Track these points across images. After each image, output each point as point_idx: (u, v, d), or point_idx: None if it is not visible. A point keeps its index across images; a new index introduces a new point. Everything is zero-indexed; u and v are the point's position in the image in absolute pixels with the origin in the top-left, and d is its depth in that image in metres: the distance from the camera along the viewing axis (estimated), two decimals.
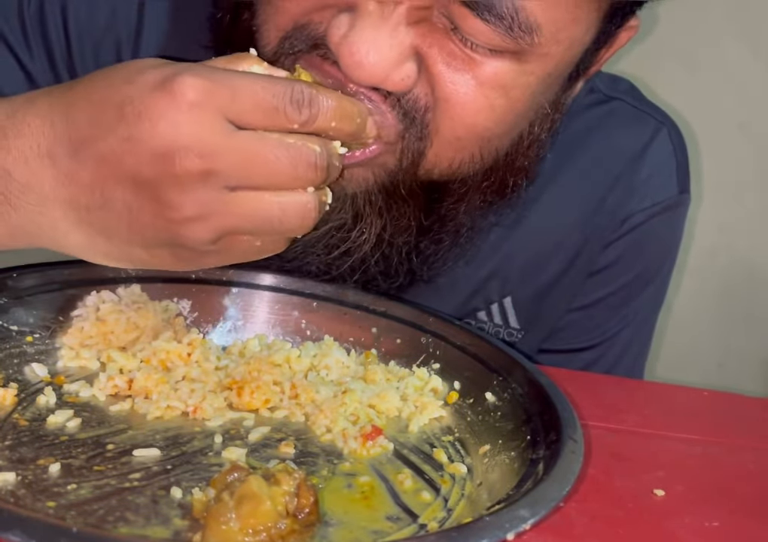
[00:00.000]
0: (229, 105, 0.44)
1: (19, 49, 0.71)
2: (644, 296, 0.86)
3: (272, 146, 0.45)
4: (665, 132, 0.83)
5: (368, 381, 0.62)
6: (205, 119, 0.44)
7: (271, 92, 0.45)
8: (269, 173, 0.45)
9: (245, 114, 0.45)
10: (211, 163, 0.44)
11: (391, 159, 0.59)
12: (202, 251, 0.48)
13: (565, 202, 0.80)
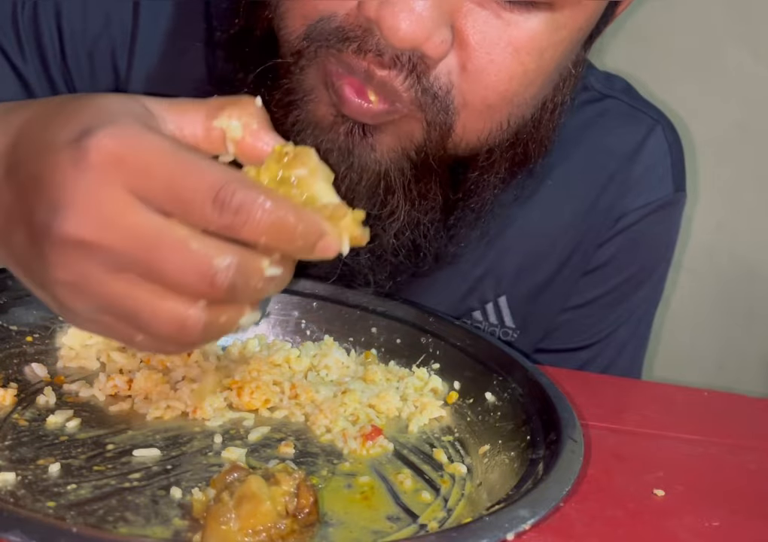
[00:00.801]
0: (138, 179, 0.39)
1: (12, 54, 0.71)
2: (639, 295, 0.86)
3: (168, 243, 0.39)
4: (660, 130, 0.83)
5: (368, 381, 0.62)
6: (104, 187, 0.39)
7: (193, 182, 0.38)
8: (155, 271, 0.40)
9: (155, 195, 0.39)
10: (94, 236, 0.39)
11: (418, 130, 0.58)
12: (82, 316, 0.43)
13: (559, 200, 0.80)
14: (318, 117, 0.59)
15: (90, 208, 0.39)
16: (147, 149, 0.39)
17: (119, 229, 0.39)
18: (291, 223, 0.40)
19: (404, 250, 0.66)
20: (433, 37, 0.53)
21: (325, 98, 0.58)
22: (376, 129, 0.58)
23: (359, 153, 0.59)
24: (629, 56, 1.22)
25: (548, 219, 0.80)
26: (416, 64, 0.55)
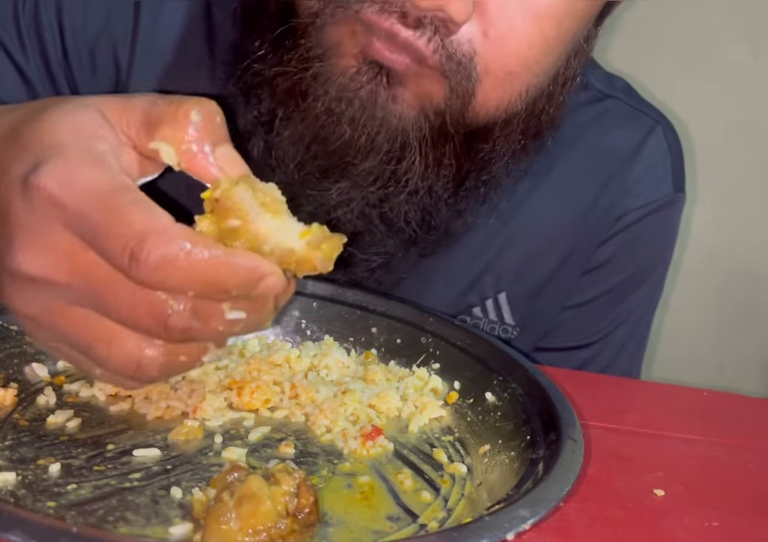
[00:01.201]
0: (75, 223, 0.39)
1: (14, 50, 0.71)
2: (639, 294, 0.86)
3: (118, 282, 0.39)
4: (660, 131, 0.83)
5: (368, 381, 0.62)
6: (51, 227, 0.39)
7: (112, 233, 0.38)
8: (110, 310, 0.39)
9: (88, 237, 0.39)
10: (48, 274, 0.39)
11: (440, 93, 0.59)
12: (47, 345, 0.43)
13: (559, 198, 0.80)
14: (341, 68, 0.58)
15: (41, 247, 0.39)
16: (82, 192, 0.39)
17: (71, 269, 0.39)
18: (215, 276, 0.39)
19: (415, 217, 0.66)
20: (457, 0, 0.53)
21: (349, 49, 0.58)
22: (399, 82, 0.58)
23: (381, 104, 0.58)
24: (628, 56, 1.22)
25: (548, 217, 0.80)
26: (439, 27, 0.55)
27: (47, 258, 0.39)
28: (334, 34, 0.58)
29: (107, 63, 0.73)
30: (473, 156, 0.65)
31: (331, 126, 0.60)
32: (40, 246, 0.39)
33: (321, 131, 0.60)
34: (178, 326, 0.39)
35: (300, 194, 0.64)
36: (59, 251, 0.39)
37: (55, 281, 0.39)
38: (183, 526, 0.43)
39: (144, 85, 0.73)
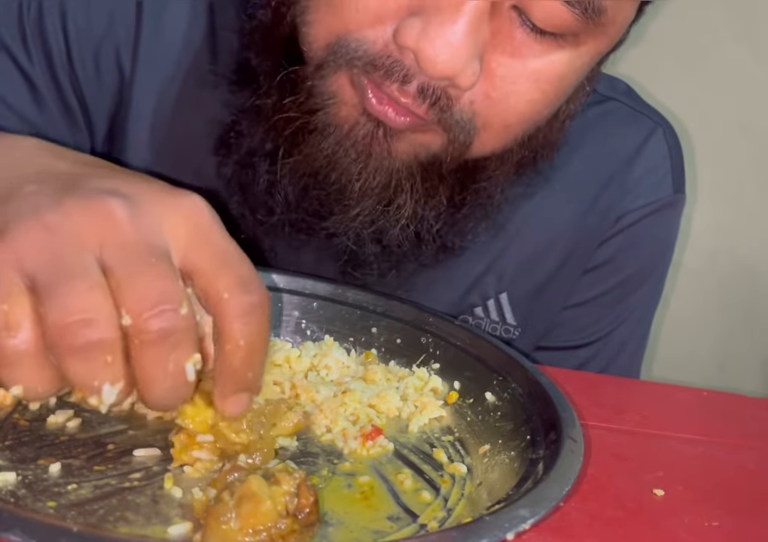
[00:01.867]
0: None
1: (19, 55, 0.71)
2: (639, 295, 0.87)
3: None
4: (661, 133, 0.84)
5: (368, 381, 0.62)
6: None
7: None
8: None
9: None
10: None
11: (437, 143, 0.60)
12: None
13: (561, 199, 0.80)
14: (340, 118, 0.60)
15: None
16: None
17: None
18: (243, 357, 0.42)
19: (408, 241, 0.68)
20: (467, 69, 0.55)
21: (349, 98, 0.59)
22: (396, 135, 0.59)
23: (376, 156, 0.60)
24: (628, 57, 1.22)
25: (549, 218, 0.80)
26: (440, 97, 0.57)
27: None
28: (335, 83, 0.59)
29: (110, 67, 0.73)
30: (467, 188, 0.67)
31: (328, 172, 0.62)
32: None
33: (319, 175, 0.63)
34: (166, 320, 0.39)
35: (299, 221, 0.68)
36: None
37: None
38: (183, 526, 0.43)
39: (147, 90, 0.73)
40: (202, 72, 0.73)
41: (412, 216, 0.65)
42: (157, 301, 0.38)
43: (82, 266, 0.38)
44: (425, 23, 0.54)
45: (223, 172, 0.70)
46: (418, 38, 0.54)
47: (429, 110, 0.57)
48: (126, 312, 0.38)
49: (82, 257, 0.38)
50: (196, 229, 0.41)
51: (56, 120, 0.73)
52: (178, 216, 0.40)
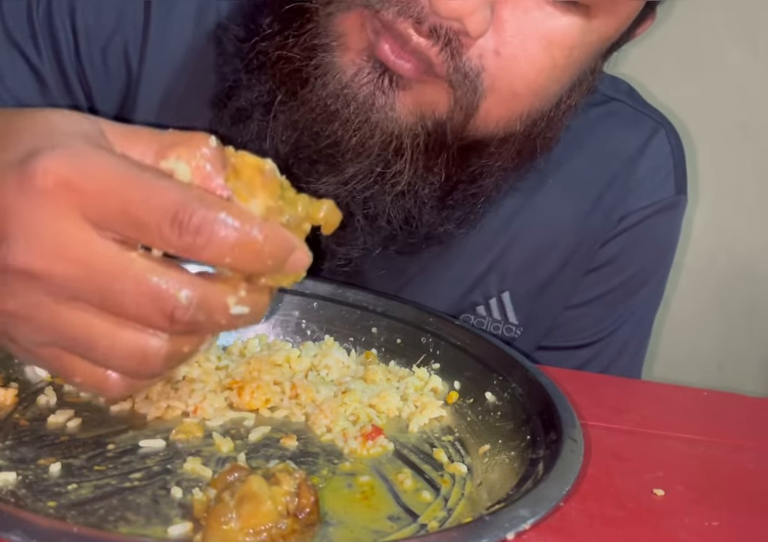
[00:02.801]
0: (91, 204, 0.37)
1: (29, 51, 0.71)
2: (640, 295, 0.87)
3: (126, 275, 0.37)
4: (663, 134, 0.84)
5: (368, 381, 0.62)
6: (53, 213, 0.36)
7: (149, 203, 0.36)
8: (112, 302, 0.37)
9: (111, 220, 0.37)
10: (44, 266, 0.37)
11: (443, 104, 0.59)
12: (33, 351, 0.40)
13: (563, 199, 0.80)
14: (343, 63, 0.58)
15: (40, 237, 0.37)
16: (100, 171, 0.37)
17: (72, 259, 0.37)
18: (257, 241, 0.38)
19: (398, 219, 0.65)
20: (477, 12, 0.54)
21: (356, 43, 0.57)
22: (402, 86, 0.57)
23: (378, 108, 0.58)
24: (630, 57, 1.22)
25: (552, 217, 0.80)
26: (452, 39, 0.55)
27: (46, 249, 0.37)
28: (343, 24, 0.57)
29: (118, 64, 0.73)
30: (465, 168, 0.65)
31: (324, 123, 0.59)
32: (40, 237, 0.37)
33: (314, 125, 0.60)
34: (183, 319, 0.38)
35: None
36: (62, 241, 0.37)
37: (52, 273, 0.37)
38: (183, 526, 0.44)
39: (153, 86, 0.73)
40: (209, 66, 0.73)
41: (408, 187, 0.62)
42: (161, 311, 0.38)
43: (79, 329, 0.38)
44: None
45: (216, 130, 0.66)
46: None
47: (440, 53, 0.55)
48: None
49: (70, 319, 0.38)
50: (88, 202, 0.37)
51: None
52: (63, 205, 0.37)
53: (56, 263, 0.37)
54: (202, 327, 0.39)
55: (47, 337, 0.39)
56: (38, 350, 0.40)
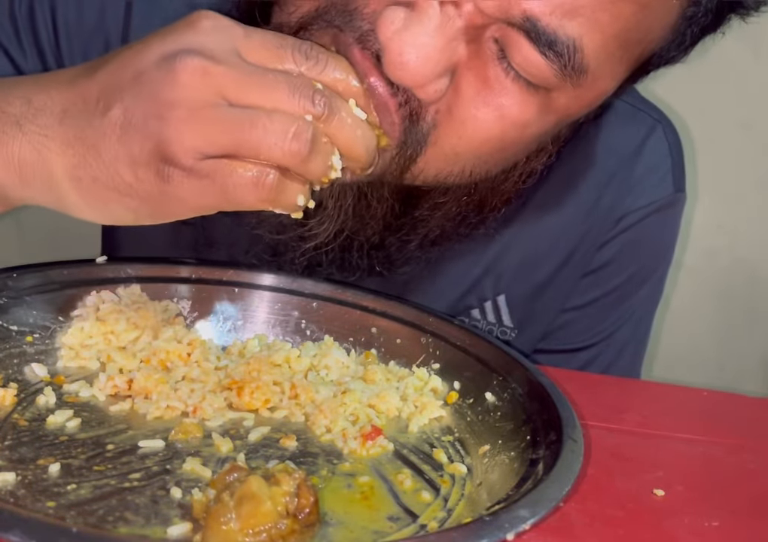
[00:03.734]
0: (241, 38, 0.48)
1: (12, 48, 0.71)
2: (639, 295, 0.86)
3: (274, 73, 0.47)
4: (661, 130, 0.83)
5: (368, 381, 0.62)
6: (216, 39, 0.47)
7: (280, 39, 0.49)
8: (267, 94, 0.47)
9: (254, 49, 0.48)
10: (212, 68, 0.46)
11: (386, 157, 0.57)
12: (187, 168, 0.46)
13: (560, 200, 0.80)
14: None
15: (208, 50, 0.46)
16: (243, 25, 0.49)
17: (231, 68, 0.46)
18: (354, 74, 0.51)
19: (334, 262, 0.66)
20: (429, 86, 0.53)
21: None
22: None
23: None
24: None
25: (548, 218, 0.80)
26: (410, 98, 0.54)
27: (213, 57, 0.46)
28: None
29: None
30: (408, 212, 0.64)
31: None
32: (208, 49, 0.47)
33: None
34: (323, 101, 0.48)
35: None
36: (224, 55, 0.47)
37: (214, 72, 0.46)
38: (182, 526, 0.43)
39: None
40: None
41: (335, 235, 0.61)
42: (306, 95, 0.48)
43: (240, 115, 0.46)
44: (405, 25, 0.51)
45: None
46: (391, 37, 0.52)
47: (399, 108, 0.54)
48: (302, 112, 0.48)
49: (230, 111, 0.46)
50: (238, 36, 0.48)
51: None
52: (222, 35, 0.48)
53: (220, 68, 0.46)
54: (334, 119, 0.48)
55: (212, 140, 0.46)
56: (199, 165, 0.46)
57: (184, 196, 0.47)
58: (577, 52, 0.53)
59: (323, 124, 0.48)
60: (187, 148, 0.46)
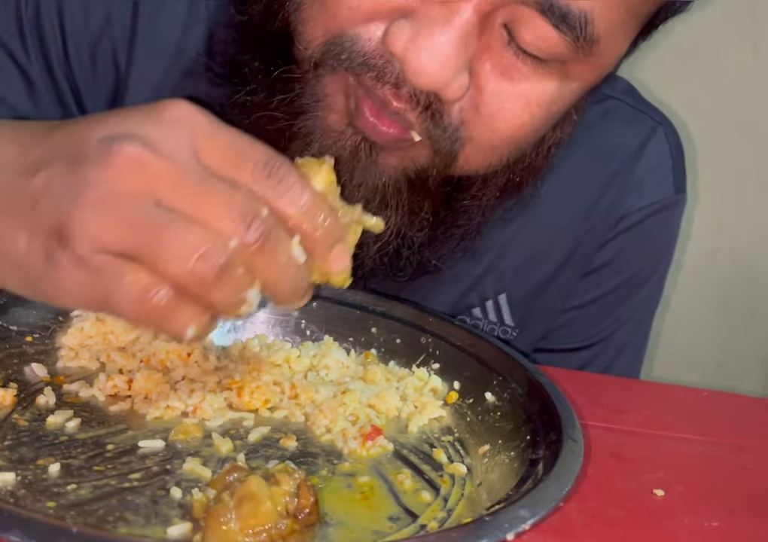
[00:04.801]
0: (203, 135, 0.42)
1: (17, 52, 0.71)
2: (639, 296, 0.86)
3: (219, 181, 0.41)
4: (662, 132, 0.83)
5: (368, 381, 0.62)
6: (174, 132, 0.41)
7: (249, 145, 0.43)
8: (199, 202, 0.40)
9: (212, 150, 0.42)
10: (150, 160, 0.40)
11: (424, 156, 0.60)
12: (77, 257, 0.40)
13: (561, 200, 0.80)
14: (327, 124, 0.59)
15: (152, 141, 0.41)
16: (215, 122, 0.43)
17: (170, 163, 0.40)
18: (322, 207, 0.43)
19: (386, 257, 0.66)
20: (453, 83, 0.54)
21: (340, 106, 0.58)
22: (383, 150, 0.59)
23: (361, 169, 0.59)
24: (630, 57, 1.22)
25: (549, 218, 0.80)
26: (432, 102, 0.56)
27: (154, 149, 0.40)
28: (329, 86, 0.58)
29: (107, 64, 0.73)
30: (450, 207, 0.66)
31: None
32: (154, 141, 0.41)
33: None
34: (258, 228, 0.41)
35: None
36: (171, 148, 0.41)
37: (148, 164, 0.40)
38: (182, 526, 0.43)
39: (141, 86, 0.73)
40: (195, 69, 0.73)
41: (395, 232, 0.63)
42: (243, 215, 0.41)
43: (158, 217, 0.40)
44: (414, 32, 0.53)
45: None
46: (405, 47, 0.53)
47: (420, 115, 0.56)
48: (228, 236, 0.41)
49: (150, 210, 0.40)
50: (202, 133, 0.42)
51: (52, 117, 0.74)
52: (182, 129, 0.42)
53: (156, 162, 0.40)
54: (267, 250, 0.41)
55: (116, 232, 0.40)
56: (91, 257, 0.40)
57: (64, 285, 0.41)
58: (589, 23, 0.53)
59: (251, 254, 0.41)
60: (85, 235, 0.39)
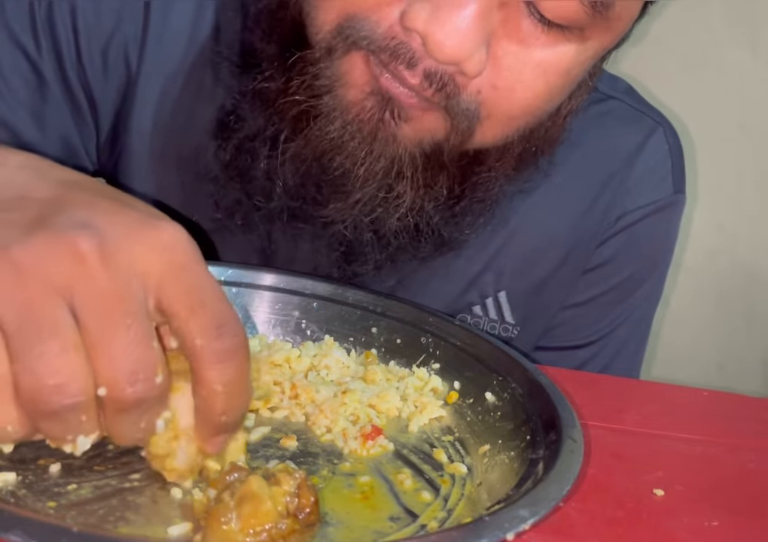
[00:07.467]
0: (175, 266, 0.39)
1: (30, 50, 0.72)
2: (639, 295, 0.87)
3: (141, 320, 0.37)
4: (662, 132, 0.84)
5: (368, 381, 0.62)
6: (143, 251, 0.38)
7: (214, 293, 0.39)
8: (105, 324, 0.37)
9: (178, 285, 0.38)
10: (91, 261, 0.37)
11: (441, 129, 0.60)
12: None
13: (560, 197, 0.80)
14: (347, 102, 0.60)
15: (114, 250, 0.37)
16: (196, 259, 0.40)
17: (118, 280, 0.37)
18: (240, 400, 0.42)
19: (406, 233, 0.67)
20: (474, 56, 0.55)
21: (357, 80, 0.59)
22: (403, 117, 0.59)
23: (380, 141, 0.60)
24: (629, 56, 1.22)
25: (549, 216, 0.80)
26: (447, 83, 0.56)
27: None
28: (346, 64, 0.59)
29: (118, 63, 0.73)
30: (467, 180, 0.67)
31: (332, 157, 0.62)
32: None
33: (321, 158, 0.62)
34: (138, 392, 0.38)
35: (297, 208, 0.67)
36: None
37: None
38: (183, 526, 0.43)
39: (151, 83, 0.74)
40: (206, 63, 0.73)
41: (412, 205, 0.64)
42: (133, 371, 0.37)
43: (54, 322, 0.36)
44: (435, 7, 0.53)
45: (221, 157, 0.70)
46: (427, 21, 0.53)
47: (435, 94, 0.57)
48: (101, 382, 0.37)
49: (53, 308, 0.36)
50: (171, 266, 0.38)
51: (64, 114, 0.74)
52: (152, 252, 0.38)
53: (101, 261, 0.37)
54: (128, 415, 0.39)
55: (5, 302, 0.36)
56: None
57: None
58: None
59: (112, 411, 0.38)
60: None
